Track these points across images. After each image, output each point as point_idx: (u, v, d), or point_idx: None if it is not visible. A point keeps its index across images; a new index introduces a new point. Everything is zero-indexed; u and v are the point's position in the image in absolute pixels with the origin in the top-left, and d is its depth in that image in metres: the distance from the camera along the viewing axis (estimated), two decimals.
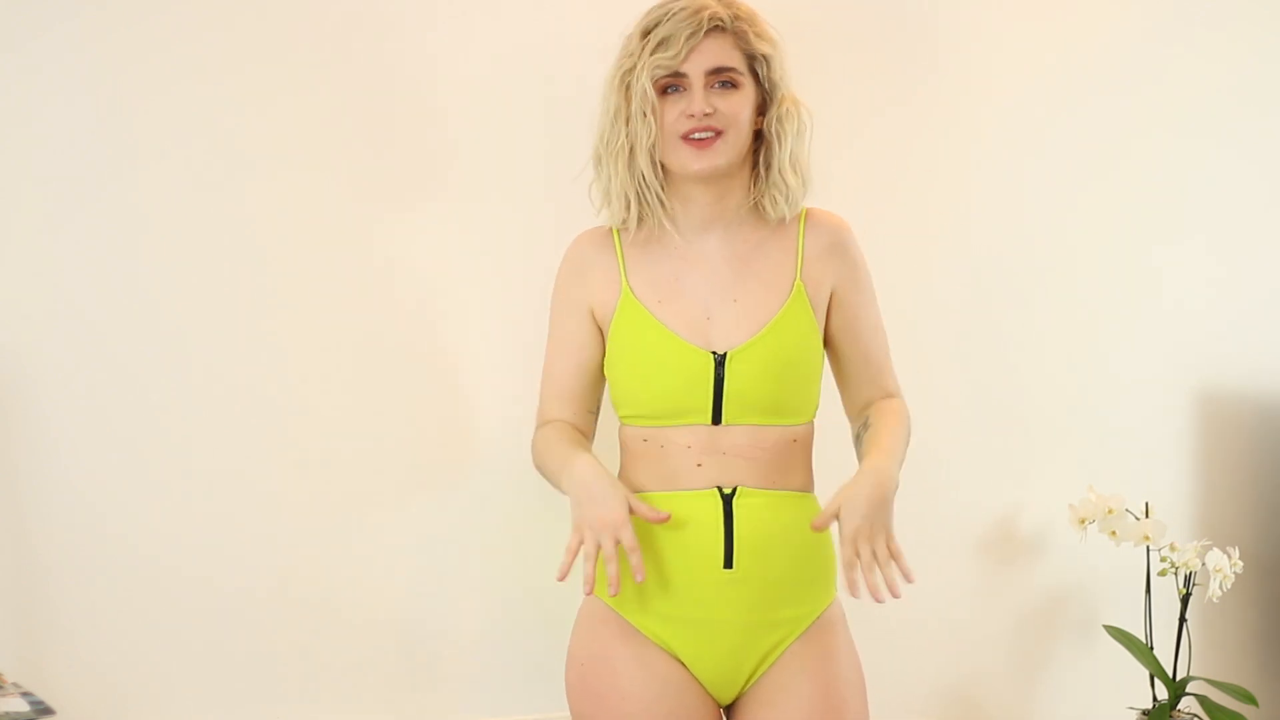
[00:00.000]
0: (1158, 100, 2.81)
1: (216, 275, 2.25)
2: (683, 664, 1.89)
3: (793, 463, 1.91)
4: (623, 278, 1.93)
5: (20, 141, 2.16)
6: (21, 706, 1.84)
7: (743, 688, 1.90)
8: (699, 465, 1.87)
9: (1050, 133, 2.73)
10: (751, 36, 1.88)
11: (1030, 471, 2.73)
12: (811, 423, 1.95)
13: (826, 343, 1.97)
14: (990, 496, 2.70)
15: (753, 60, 1.88)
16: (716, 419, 1.86)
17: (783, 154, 1.91)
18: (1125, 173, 2.79)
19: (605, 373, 1.96)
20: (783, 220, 1.95)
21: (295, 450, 2.29)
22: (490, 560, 2.39)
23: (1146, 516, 2.60)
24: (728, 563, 1.84)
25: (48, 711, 1.86)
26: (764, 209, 1.94)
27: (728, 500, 1.85)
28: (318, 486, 2.30)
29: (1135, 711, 2.69)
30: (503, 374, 2.38)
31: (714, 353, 1.86)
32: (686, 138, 1.85)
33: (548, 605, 2.41)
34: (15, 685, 1.92)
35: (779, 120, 1.91)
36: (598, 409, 2.03)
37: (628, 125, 1.87)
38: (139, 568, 2.22)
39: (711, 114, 1.84)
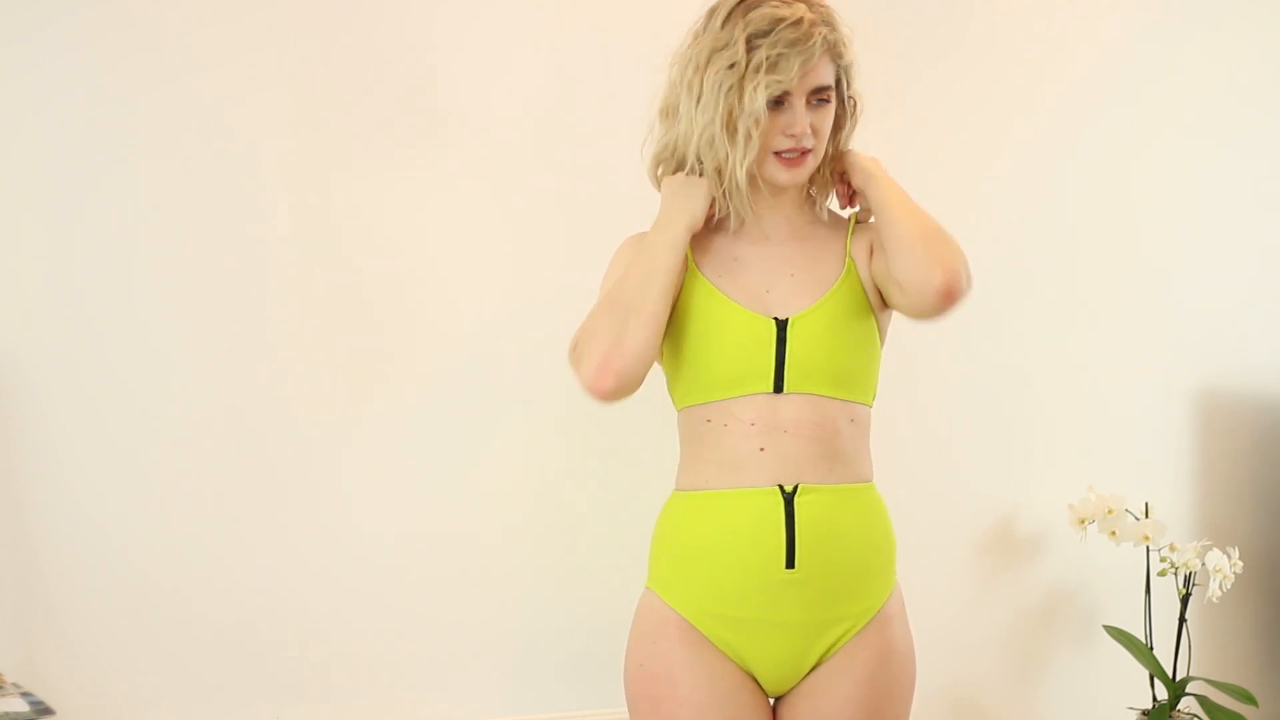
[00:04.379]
0: (1159, 102, 2.81)
1: (216, 276, 2.25)
2: (742, 663, 1.89)
3: (851, 447, 1.91)
4: (689, 258, 1.95)
5: (18, 141, 2.16)
6: (21, 706, 1.84)
7: (798, 680, 1.91)
8: (761, 450, 1.87)
9: (1052, 134, 2.73)
10: (841, 47, 1.89)
11: (1030, 471, 2.73)
12: (870, 408, 1.96)
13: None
14: (990, 496, 2.70)
15: (838, 70, 1.91)
16: (779, 386, 1.87)
17: (847, 144, 1.97)
18: (1127, 174, 2.79)
19: (663, 360, 1.97)
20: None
21: (294, 450, 2.29)
22: (491, 560, 2.39)
23: (1146, 516, 2.60)
24: (789, 563, 1.84)
25: (47, 711, 1.86)
26: (822, 203, 1.99)
27: (789, 499, 1.85)
28: (318, 487, 2.30)
29: (1135, 711, 2.69)
30: (509, 374, 2.38)
31: (775, 318, 1.87)
32: (779, 154, 1.88)
33: (549, 606, 2.42)
34: (15, 685, 1.92)
35: (850, 115, 1.95)
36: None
37: (728, 135, 1.86)
38: (138, 569, 2.22)
39: (809, 133, 1.87)
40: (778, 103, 1.87)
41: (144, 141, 2.21)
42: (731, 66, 1.85)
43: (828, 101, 1.89)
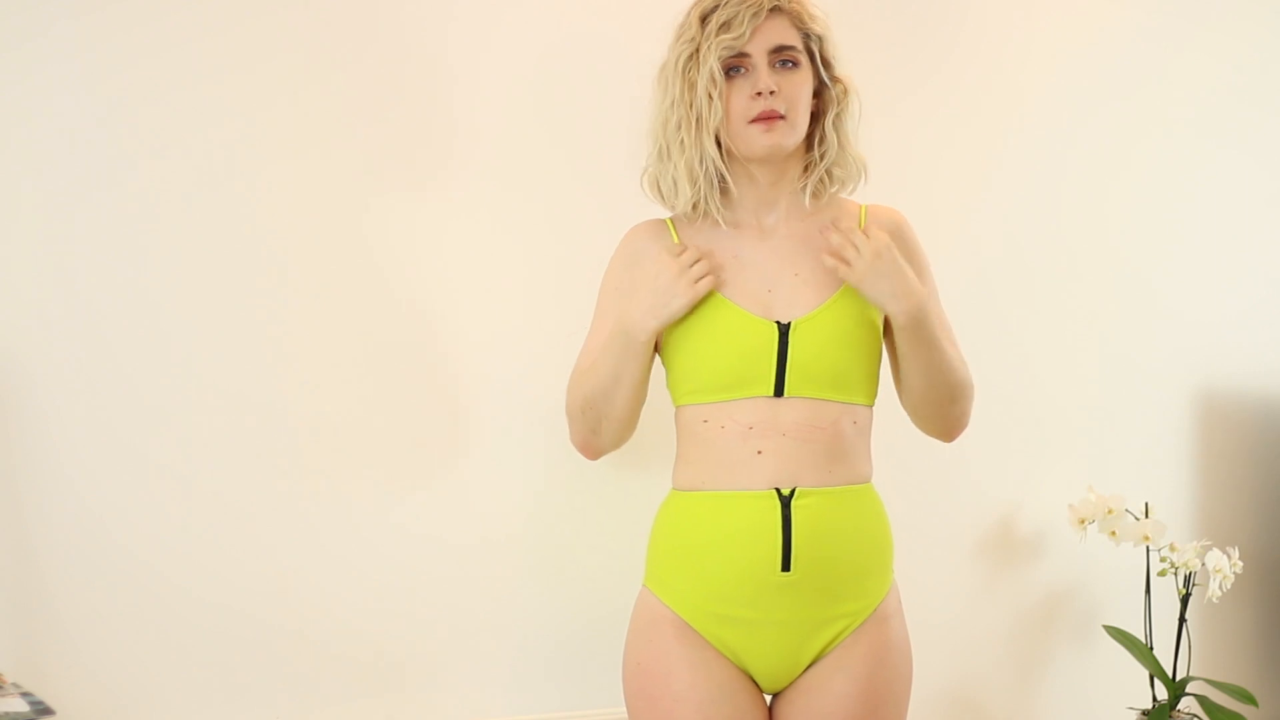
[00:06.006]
0: (1159, 101, 2.81)
1: (217, 276, 2.25)
2: (738, 661, 1.89)
3: (852, 448, 1.90)
4: None
5: (20, 142, 2.16)
6: (21, 706, 1.84)
7: (795, 678, 1.91)
8: (759, 453, 1.86)
9: (1052, 135, 2.73)
10: (805, 16, 1.90)
11: (1030, 471, 2.73)
12: (871, 408, 1.95)
13: (888, 334, 1.97)
14: (990, 496, 2.70)
15: (808, 40, 1.90)
16: (779, 390, 1.86)
17: (844, 133, 1.94)
18: (1127, 173, 2.79)
19: (663, 357, 1.96)
20: (839, 198, 1.98)
21: (295, 451, 2.29)
22: (489, 559, 2.39)
23: (1146, 516, 2.61)
24: (785, 566, 1.84)
25: (47, 711, 1.86)
26: (822, 188, 1.95)
27: (785, 502, 1.84)
28: (317, 487, 2.30)
29: (1135, 711, 2.69)
30: (504, 373, 2.38)
31: (778, 322, 1.86)
32: (753, 121, 1.86)
33: (548, 605, 2.42)
34: (15, 685, 1.92)
35: (838, 99, 1.93)
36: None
37: (691, 109, 1.87)
38: (138, 568, 2.22)
39: (776, 92, 1.85)
40: (740, 70, 1.87)
41: (144, 142, 2.21)
42: (690, 42, 1.87)
43: (795, 65, 1.88)
